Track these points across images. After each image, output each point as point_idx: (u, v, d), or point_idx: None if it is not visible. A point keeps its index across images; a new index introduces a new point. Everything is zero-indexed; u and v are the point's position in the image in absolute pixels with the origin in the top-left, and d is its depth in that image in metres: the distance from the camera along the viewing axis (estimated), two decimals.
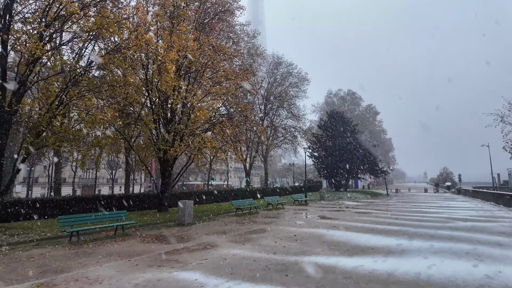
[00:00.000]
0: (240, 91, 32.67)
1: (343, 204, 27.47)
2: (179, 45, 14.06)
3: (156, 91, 14.54)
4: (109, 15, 12.17)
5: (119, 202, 19.39)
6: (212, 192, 26.71)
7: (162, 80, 12.92)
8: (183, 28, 14.56)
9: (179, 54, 14.19)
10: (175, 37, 14.22)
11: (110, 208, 18.98)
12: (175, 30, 14.69)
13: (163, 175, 17.76)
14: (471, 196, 40.90)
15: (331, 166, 46.77)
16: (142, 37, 12.44)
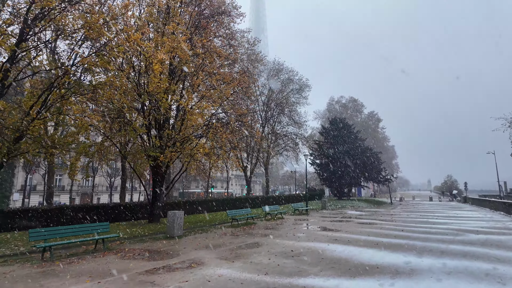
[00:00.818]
0: (240, 96, 32.06)
1: (346, 214, 26.33)
2: (170, 45, 13.27)
3: (146, 94, 13.71)
4: (95, 14, 11.41)
5: (109, 212, 18.44)
6: (209, 200, 25.68)
7: (150, 81, 12.11)
8: (171, 27, 13.79)
9: (169, 55, 13.40)
10: (165, 38, 13.45)
11: (100, 219, 18.02)
12: (166, 30, 13.94)
13: (155, 183, 16.83)
14: (479, 205, 39.54)
15: (333, 174, 45.65)
16: (129, 37, 11.67)
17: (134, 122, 14.04)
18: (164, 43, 13.37)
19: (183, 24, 15.66)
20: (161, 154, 14.10)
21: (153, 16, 15.11)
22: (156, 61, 12.35)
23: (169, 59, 13.63)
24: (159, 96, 13.14)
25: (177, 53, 13.45)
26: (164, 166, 16.40)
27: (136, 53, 13.23)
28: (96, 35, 11.85)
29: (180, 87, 15.76)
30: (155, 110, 14.39)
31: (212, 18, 17.64)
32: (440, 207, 40.14)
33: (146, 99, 13.77)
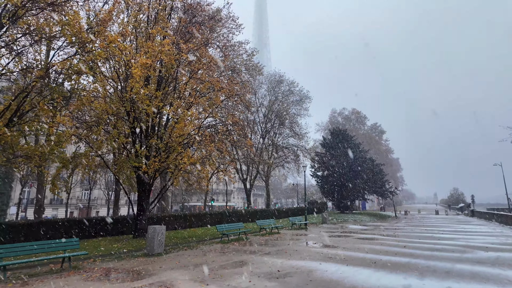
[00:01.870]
0: (235, 105, 31.31)
1: (347, 228, 25.04)
2: (153, 49, 12.60)
3: (129, 101, 12.97)
4: (69, 15, 10.78)
5: (91, 226, 17.46)
6: (203, 214, 24.54)
7: (128, 86, 11.38)
8: (155, 31, 13.17)
9: (154, 59, 12.70)
10: (149, 42, 12.81)
11: (84, 234, 17.06)
12: (151, 35, 13.31)
13: (140, 195, 15.88)
14: (487, 219, 37.89)
15: (335, 186, 44.36)
16: (106, 39, 11.01)
17: (114, 130, 13.22)
18: (148, 47, 12.70)
19: (169, 28, 15.07)
20: (143, 164, 13.22)
21: (139, 22, 14.55)
22: (138, 65, 11.63)
23: (152, 64, 12.90)
24: (142, 103, 12.37)
25: (162, 57, 12.75)
26: (151, 178, 15.49)
27: (118, 58, 12.54)
28: (73, 38, 11.19)
29: (166, 94, 14.97)
30: (138, 118, 13.61)
31: (202, 25, 17.02)
32: (446, 221, 38.53)
33: (128, 105, 13.01)
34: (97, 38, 11.30)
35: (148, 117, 13.29)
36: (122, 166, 15.29)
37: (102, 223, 18.07)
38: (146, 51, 12.80)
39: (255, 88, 44.93)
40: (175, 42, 13.93)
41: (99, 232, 17.72)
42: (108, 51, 11.82)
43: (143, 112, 12.56)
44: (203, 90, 15.11)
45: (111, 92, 14.31)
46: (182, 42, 13.92)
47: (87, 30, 12.69)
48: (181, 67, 14.79)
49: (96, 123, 13.46)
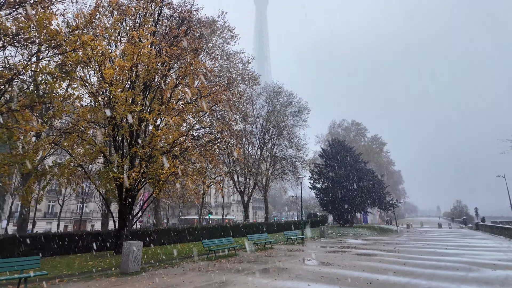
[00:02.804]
0: (229, 114, 30.53)
1: (345, 243, 23.82)
2: (133, 52, 11.90)
3: (106, 106, 12.19)
4: (39, 14, 10.11)
5: (71, 242, 16.39)
6: (194, 228, 23.35)
7: (100, 89, 10.62)
8: (136, 34, 12.51)
9: (132, 62, 11.99)
10: (128, 44, 12.13)
11: (63, 250, 16.00)
12: (131, 37, 12.65)
13: (121, 208, 14.88)
14: (493, 233, 36.47)
15: (334, 199, 43.12)
16: (80, 39, 10.31)
17: (90, 138, 12.36)
18: (126, 49, 12.01)
19: (151, 31, 14.42)
20: (121, 175, 12.31)
21: (124, 27, 13.93)
22: (111, 66, 10.88)
23: (132, 67, 12.19)
24: (119, 107, 11.58)
25: (142, 60, 12.04)
26: (134, 190, 14.54)
27: (92, 59, 11.81)
28: (46, 38, 10.48)
29: (149, 100, 14.22)
30: (119, 125, 12.79)
31: (190, 30, 16.39)
32: (450, 234, 37.13)
33: (103, 110, 12.21)
34: (70, 39, 10.61)
35: (126, 124, 12.47)
36: (101, 176, 14.35)
37: (84, 238, 17.01)
38: (126, 54, 12.10)
39: (253, 98, 44.46)
40: (158, 45, 13.26)
41: (80, 248, 16.64)
42: (84, 54, 11.10)
43: (120, 114, 11.72)
44: (190, 96, 14.33)
45: (89, 97, 13.55)
46: (165, 46, 13.26)
47: (67, 34, 12.07)
48: (168, 72, 14.05)
49: (72, 130, 12.61)
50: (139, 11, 14.69)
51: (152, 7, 15.67)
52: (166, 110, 13.83)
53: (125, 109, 11.61)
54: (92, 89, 12.65)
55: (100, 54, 11.33)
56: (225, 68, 33.24)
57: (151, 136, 12.54)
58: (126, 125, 12.60)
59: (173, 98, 14.90)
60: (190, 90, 14.19)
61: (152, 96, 14.84)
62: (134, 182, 13.21)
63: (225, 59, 33.05)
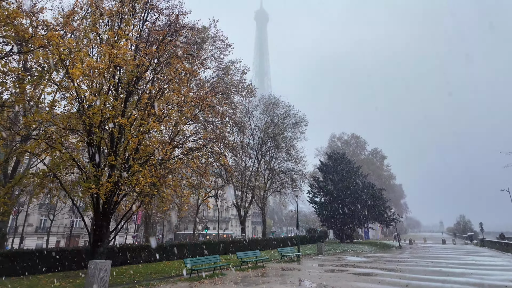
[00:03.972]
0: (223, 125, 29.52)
1: (344, 261, 22.34)
2: (109, 53, 11.01)
3: (78, 110, 11.21)
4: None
5: (42, 260, 15.07)
6: (181, 245, 21.89)
7: (71, 91, 9.66)
8: (112, 34, 11.67)
9: (107, 64, 11.08)
10: (103, 45, 11.28)
11: (34, 269, 14.69)
12: (107, 38, 11.82)
13: (96, 222, 13.66)
14: (500, 250, 34.77)
15: (333, 213, 41.61)
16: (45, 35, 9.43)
17: (57, 144, 11.28)
18: (104, 51, 11.12)
19: (130, 31, 13.61)
20: (93, 185, 11.19)
21: (99, 26, 13.13)
22: (80, 66, 9.95)
23: (107, 69, 11.25)
24: (90, 111, 10.59)
25: (117, 62, 11.13)
26: (110, 202, 13.35)
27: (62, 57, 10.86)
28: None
29: (127, 104, 13.24)
30: (93, 131, 11.75)
31: (176, 33, 15.58)
32: (454, 251, 35.43)
33: (75, 115, 11.22)
34: (36, 36, 9.73)
35: (99, 130, 11.44)
36: (74, 188, 13.21)
37: (58, 255, 15.69)
38: (102, 55, 11.22)
39: (250, 110, 43.76)
40: (136, 45, 12.42)
41: (52, 266, 15.29)
42: (52, 52, 10.20)
43: (92, 118, 10.71)
44: (174, 101, 13.37)
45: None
46: (143, 47, 12.42)
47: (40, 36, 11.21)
48: (144, 74, 13.11)
49: (39, 136, 11.57)
50: (123, 15, 13.93)
51: (136, 9, 14.95)
52: (146, 116, 12.82)
53: (96, 114, 10.62)
54: (66, 92, 11.69)
55: (67, 52, 10.43)
56: (221, 80, 32.57)
57: (126, 143, 11.50)
58: (99, 131, 11.57)
59: (156, 102, 13.93)
60: (172, 94, 13.26)
61: (135, 102, 13.88)
62: (109, 193, 12.07)
63: (220, 69, 32.42)
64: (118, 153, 12.07)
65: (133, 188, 11.48)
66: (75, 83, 10.06)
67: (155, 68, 14.54)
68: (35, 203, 46.46)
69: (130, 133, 11.65)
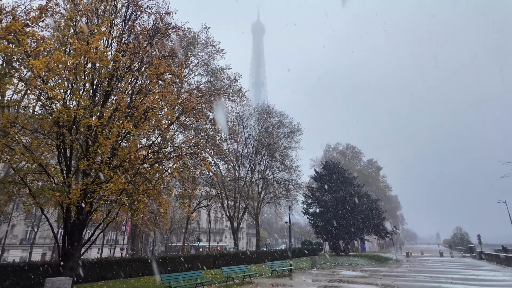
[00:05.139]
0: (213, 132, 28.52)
1: (338, 275, 21.14)
2: (80, 47, 10.09)
3: (45, 109, 10.21)
4: None
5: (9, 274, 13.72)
6: (163, 258, 20.51)
7: (32, 85, 8.68)
8: (84, 28, 10.80)
9: (78, 59, 10.15)
10: (74, 39, 10.39)
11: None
12: (80, 33, 10.94)
13: (66, 234, 12.45)
14: (499, 263, 33.66)
15: (328, 225, 40.34)
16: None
17: (19, 147, 10.19)
18: (74, 45, 10.22)
19: (112, 30, 12.76)
20: (58, 193, 10.09)
21: (75, 23, 12.26)
22: (52, 60, 9.00)
23: (79, 65, 10.31)
24: (58, 111, 9.59)
25: (90, 57, 10.20)
26: (82, 212, 12.19)
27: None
28: None
29: (98, 104, 12.23)
30: (62, 133, 10.71)
31: (158, 32, 14.75)
32: (453, 264, 34.25)
33: (41, 115, 10.22)
34: None
35: (67, 131, 10.40)
36: (37, 195, 12.02)
37: (16, 269, 14.27)
38: (73, 50, 10.32)
39: (244, 119, 42.93)
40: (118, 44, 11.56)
41: (11, 284, 13.86)
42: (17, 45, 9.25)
43: (61, 116, 9.69)
44: (154, 103, 12.38)
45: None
46: (116, 42, 11.56)
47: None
48: (117, 72, 12.16)
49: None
50: (102, 12, 13.11)
51: (118, 7, 14.15)
52: (123, 117, 11.84)
53: (63, 113, 9.61)
54: (32, 89, 10.67)
55: (32, 45, 9.51)
56: (211, 86, 31.79)
57: (96, 145, 10.47)
58: (68, 133, 10.53)
59: (137, 104, 12.98)
60: (153, 95, 12.31)
61: (111, 102, 12.89)
62: (77, 201, 10.94)
63: (211, 75, 31.67)
64: (86, 157, 10.99)
65: (101, 196, 10.39)
66: (40, 77, 9.08)
67: (139, 69, 13.69)
68: (20, 213, 44.71)
69: (102, 135, 10.61)
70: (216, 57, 31.79)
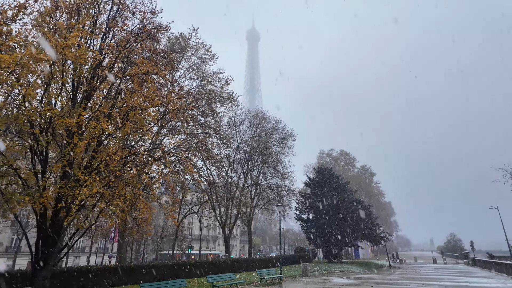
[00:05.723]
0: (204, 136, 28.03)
1: (329, 283, 20.58)
2: (56, 44, 9.60)
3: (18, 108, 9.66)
4: None
5: None
6: (149, 266, 19.73)
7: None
8: (61, 24, 10.35)
9: (53, 56, 9.66)
10: (49, 35, 9.92)
11: None
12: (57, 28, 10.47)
13: (39, 241, 11.78)
14: (492, 269, 33.35)
15: (321, 231, 39.81)
16: None
17: None
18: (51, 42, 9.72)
19: (90, 26, 12.33)
20: (28, 198, 9.49)
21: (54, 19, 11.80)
22: (24, 56, 8.47)
23: (54, 61, 9.81)
24: (31, 109, 9.05)
25: (66, 54, 9.72)
26: (56, 217, 11.55)
27: None
28: None
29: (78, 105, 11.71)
30: (35, 134, 10.14)
31: (142, 31, 14.34)
32: (446, 271, 33.88)
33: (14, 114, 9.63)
34: None
35: (39, 131, 9.86)
36: (10, 199, 11.36)
37: None
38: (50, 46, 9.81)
39: (236, 124, 42.50)
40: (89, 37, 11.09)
41: None
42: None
43: (30, 114, 9.13)
44: (135, 103, 11.90)
45: None
46: (95, 38, 11.11)
47: None
48: (95, 71, 11.69)
49: None
50: (82, 9, 12.66)
51: (100, 7, 13.74)
52: (102, 118, 11.33)
53: (35, 111, 9.08)
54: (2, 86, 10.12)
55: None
56: (202, 90, 31.37)
57: (71, 147, 9.92)
58: (40, 134, 9.97)
59: (119, 105, 12.49)
60: (133, 94, 11.83)
61: (92, 103, 12.36)
62: (52, 207, 10.34)
63: (201, 78, 31.25)
64: (61, 158, 10.41)
65: (74, 200, 9.77)
66: (12, 74, 8.56)
67: (123, 69, 13.24)
68: (4, 220, 43.32)
69: (77, 135, 10.07)
70: (208, 62, 31.49)
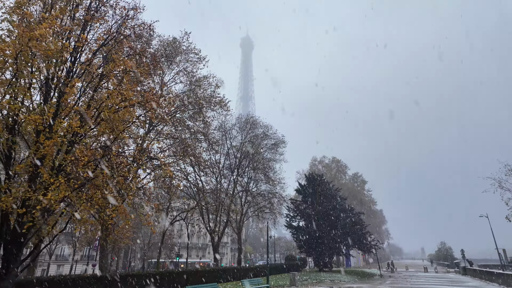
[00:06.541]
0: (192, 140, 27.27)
1: None
2: (23, 36, 8.92)
3: None
4: None
5: None
6: (124, 276, 18.73)
7: None
8: (28, 13, 9.68)
9: (18, 48, 8.97)
10: (16, 25, 9.24)
11: None
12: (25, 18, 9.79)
13: (5, 248, 10.86)
14: (483, 279, 32.98)
15: (311, 239, 39.07)
16: None
17: None
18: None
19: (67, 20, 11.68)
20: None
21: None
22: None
23: (20, 52, 9.09)
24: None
25: (32, 45, 9.02)
26: (20, 224, 10.68)
27: None
28: None
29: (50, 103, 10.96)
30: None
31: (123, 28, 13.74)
32: (437, 280, 33.40)
33: None
34: None
35: (4, 130, 9.08)
36: None
37: None
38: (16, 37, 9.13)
39: (227, 129, 41.82)
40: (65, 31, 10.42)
41: None
42: None
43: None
44: (111, 101, 11.21)
45: None
46: (67, 29, 10.45)
47: None
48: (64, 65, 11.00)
49: None
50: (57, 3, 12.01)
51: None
52: (74, 116, 10.62)
53: None
54: None
55: None
56: (192, 94, 30.71)
57: (36, 146, 9.15)
58: (2, 133, 9.19)
59: (96, 105, 11.78)
60: (108, 92, 11.16)
61: (64, 101, 11.62)
62: (12, 211, 9.50)
63: (192, 83, 30.58)
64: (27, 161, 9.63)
65: (36, 205, 8.95)
66: None
67: (103, 66, 12.59)
68: None
69: (45, 134, 9.32)
70: (199, 65, 30.89)
